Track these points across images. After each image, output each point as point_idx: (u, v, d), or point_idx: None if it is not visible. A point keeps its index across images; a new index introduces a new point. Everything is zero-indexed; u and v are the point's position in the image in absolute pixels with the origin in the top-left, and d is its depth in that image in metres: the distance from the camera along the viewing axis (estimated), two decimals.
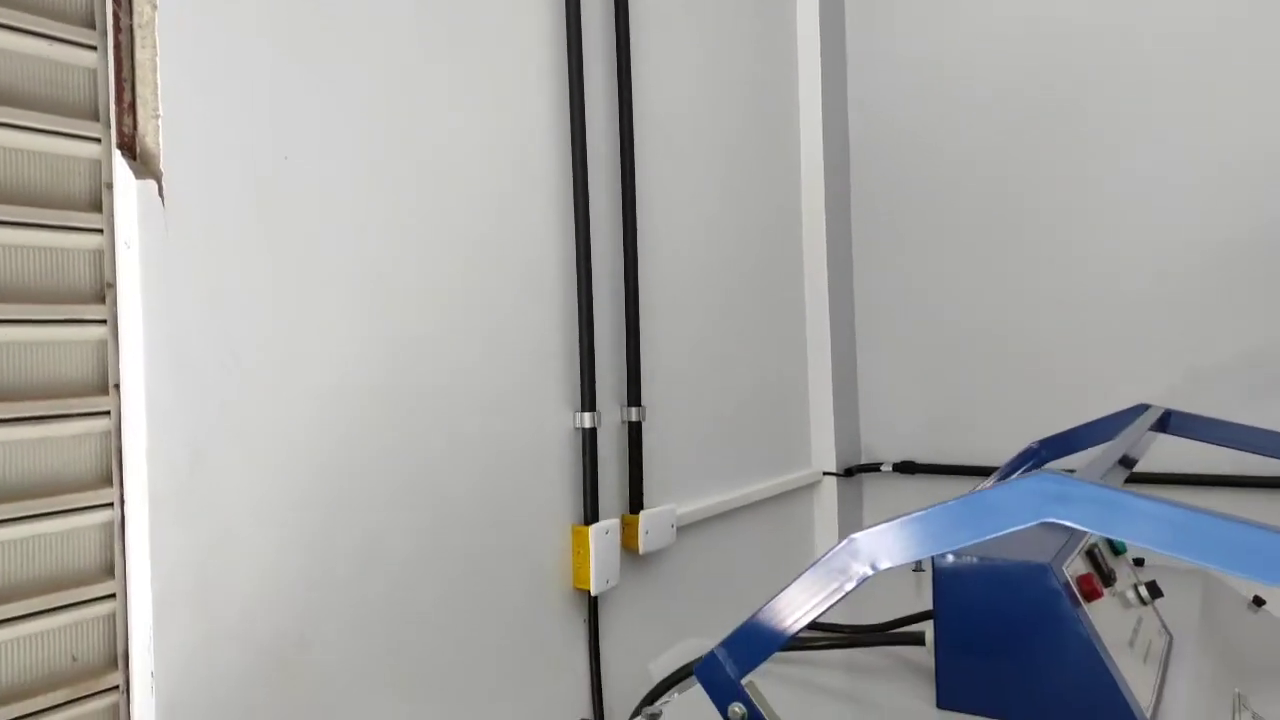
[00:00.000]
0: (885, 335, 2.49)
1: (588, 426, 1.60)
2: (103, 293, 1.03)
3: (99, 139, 1.03)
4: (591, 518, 1.59)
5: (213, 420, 1.07)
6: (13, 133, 0.97)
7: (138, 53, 1.03)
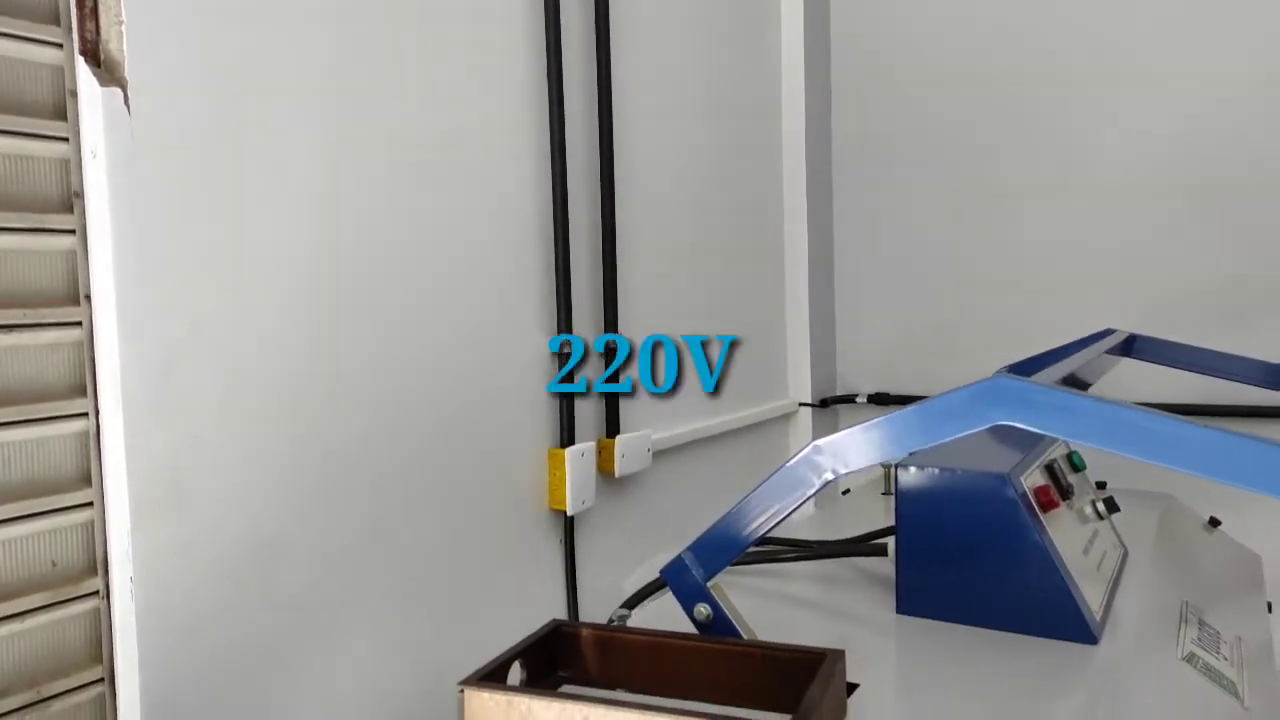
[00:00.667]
0: (862, 268, 2.50)
1: (564, 351, 1.61)
2: (70, 202, 1.02)
3: (60, 44, 1.01)
4: (568, 441, 1.62)
5: (184, 329, 1.07)
6: None
7: None
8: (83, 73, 1.01)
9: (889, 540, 1.15)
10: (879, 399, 2.46)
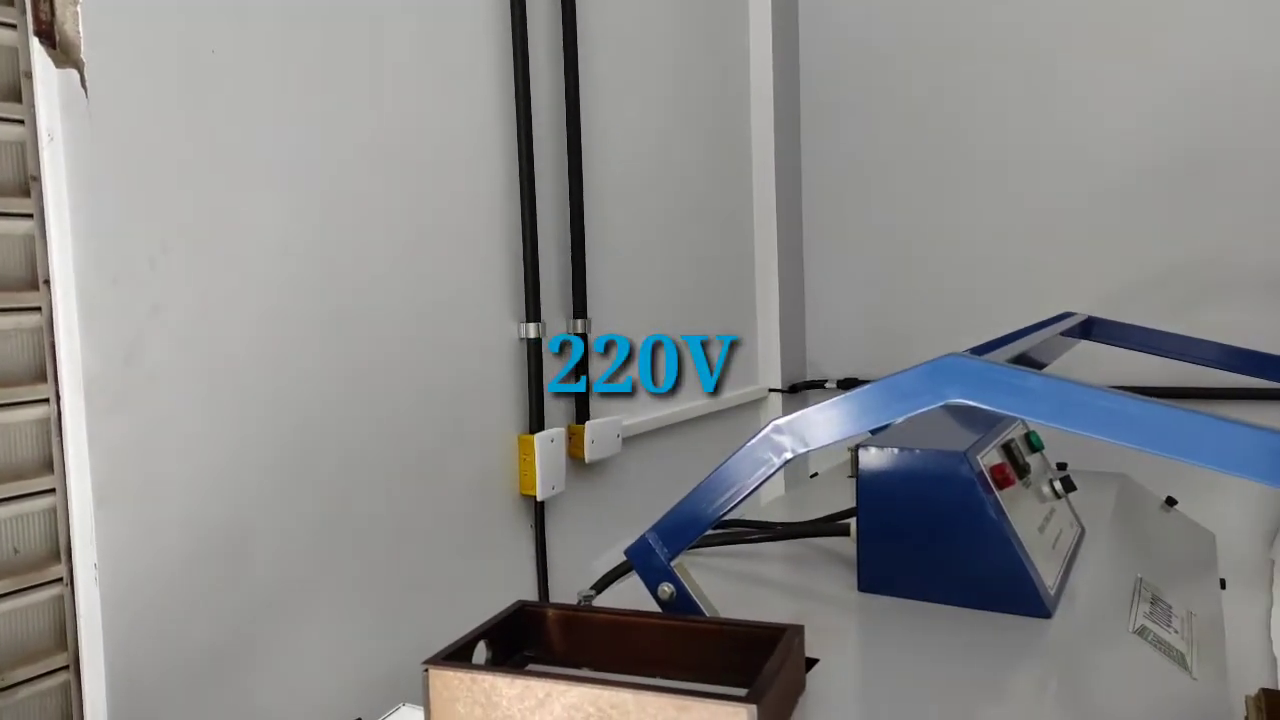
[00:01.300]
0: (832, 255, 2.52)
1: (531, 337, 1.61)
2: (27, 185, 1.01)
3: (14, 25, 1.00)
4: (537, 426, 1.62)
5: (145, 314, 1.07)
6: None
7: None
8: (38, 54, 0.99)
9: (851, 521, 1.17)
10: (848, 384, 2.48)
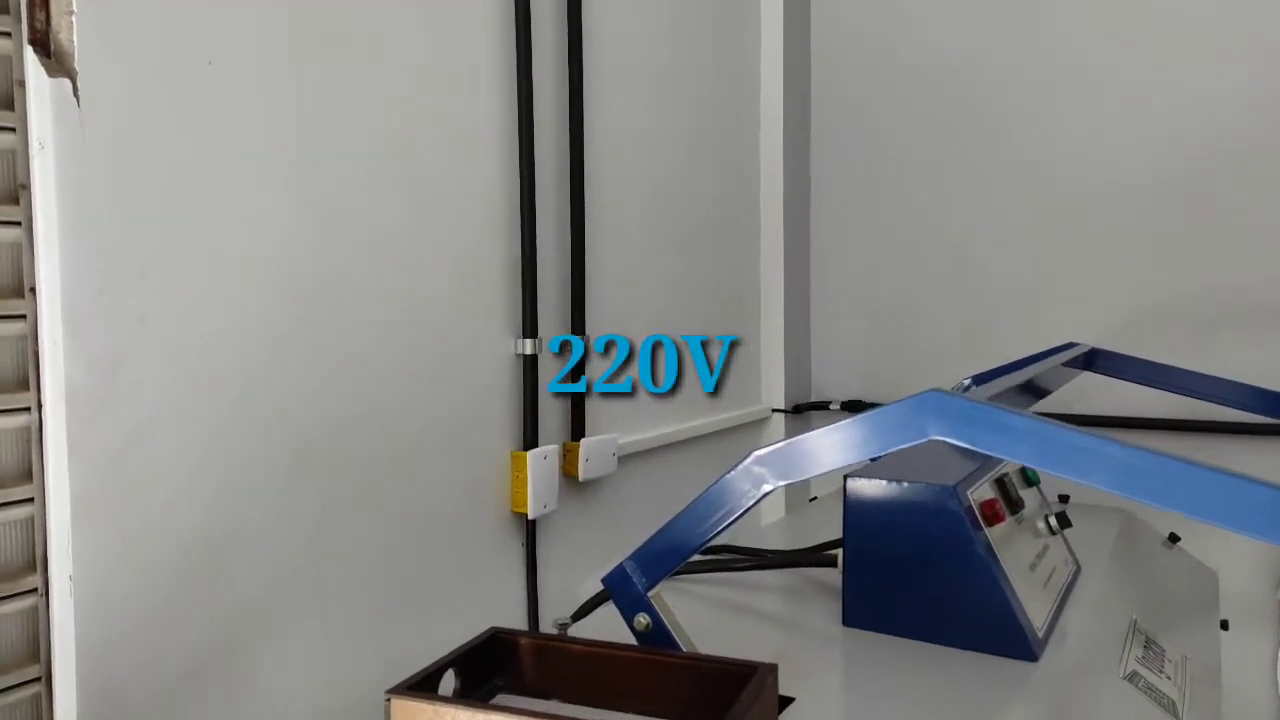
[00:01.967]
0: (839, 273, 2.50)
1: (528, 353, 1.60)
2: (16, 194, 1.01)
3: (9, 33, 1.00)
4: (531, 443, 1.61)
5: (132, 325, 1.06)
6: None
7: None
8: (31, 63, 0.99)
9: (839, 552, 1.15)
10: (852, 406, 2.46)
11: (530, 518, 1.60)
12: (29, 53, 0.99)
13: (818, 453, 0.80)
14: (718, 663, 0.81)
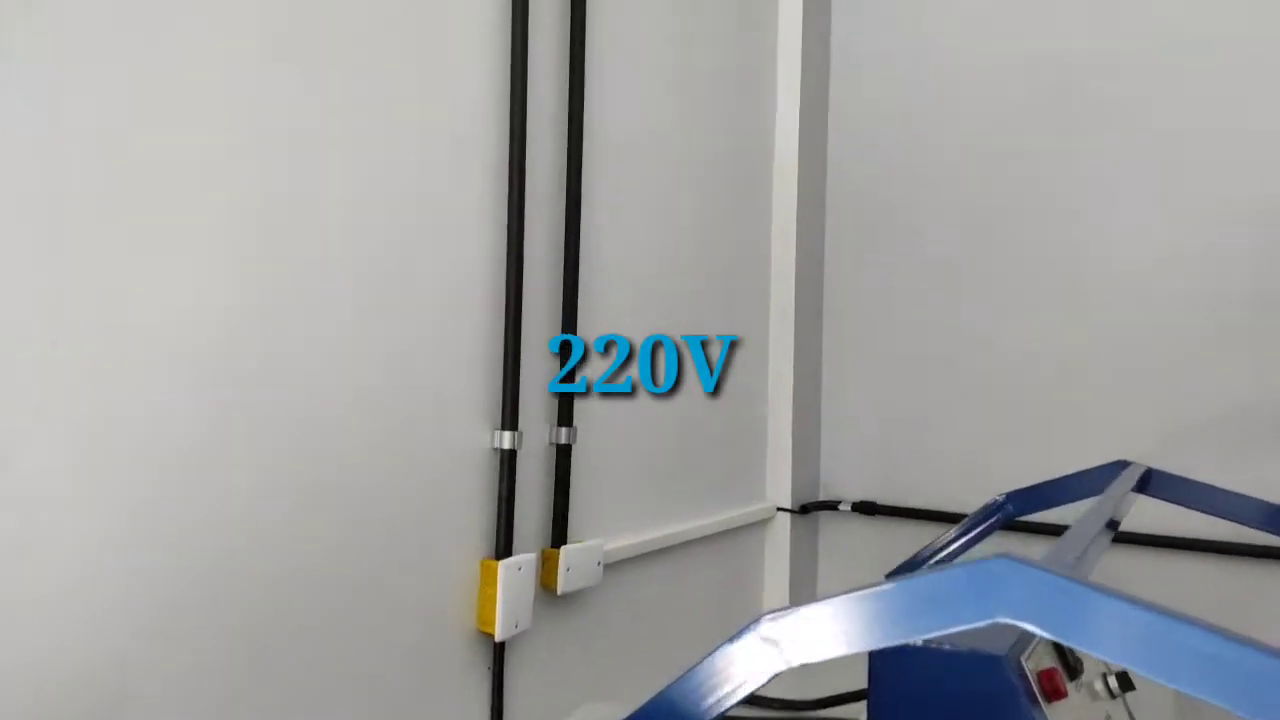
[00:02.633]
0: (852, 365, 2.33)
1: (507, 448, 1.42)
2: None
3: None
4: (504, 551, 1.42)
5: (31, 413, 0.89)
6: None
7: None
8: None
9: (861, 710, 0.95)
10: (865, 508, 2.26)
11: (498, 639, 1.39)
12: None
13: (844, 630, 0.62)
14: None
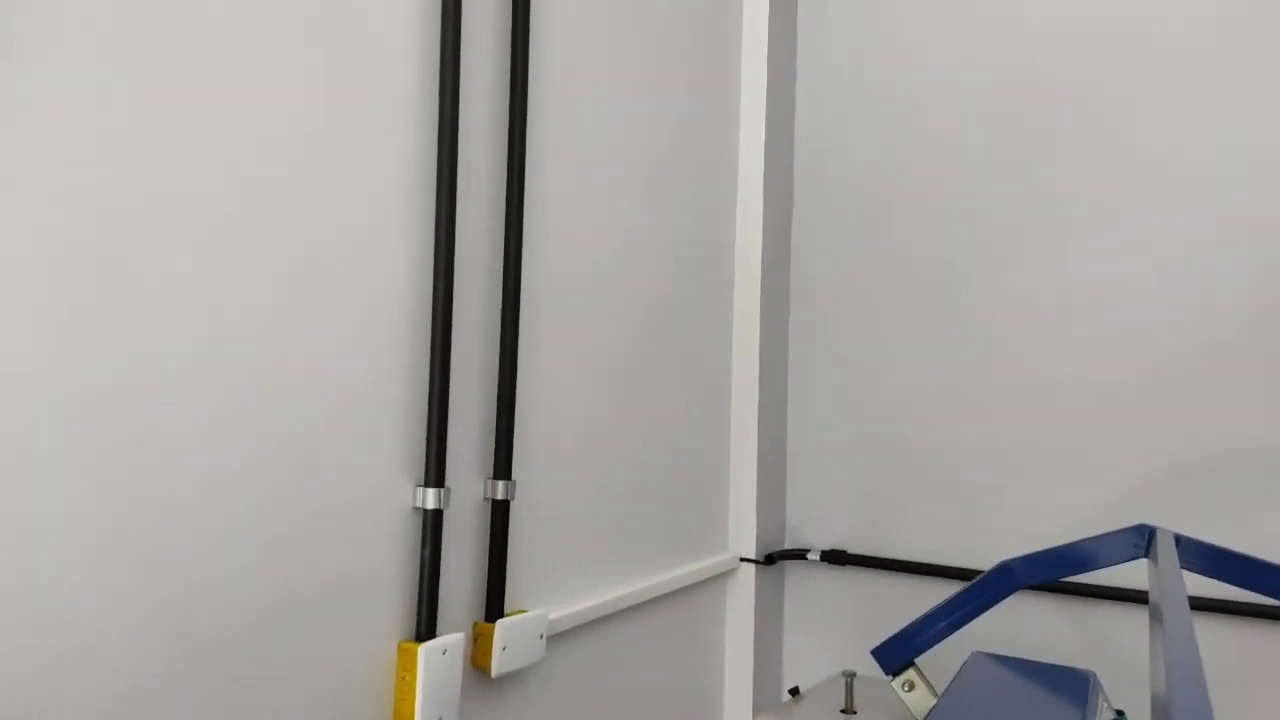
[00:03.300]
0: (821, 404, 2.15)
1: (431, 508, 1.20)
2: None
3: None
4: (426, 632, 1.19)
5: None
6: None
7: None
8: None
9: None
10: (834, 557, 2.07)
11: None
12: None
13: None
14: None
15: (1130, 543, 1.19)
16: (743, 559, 2.04)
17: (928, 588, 2.00)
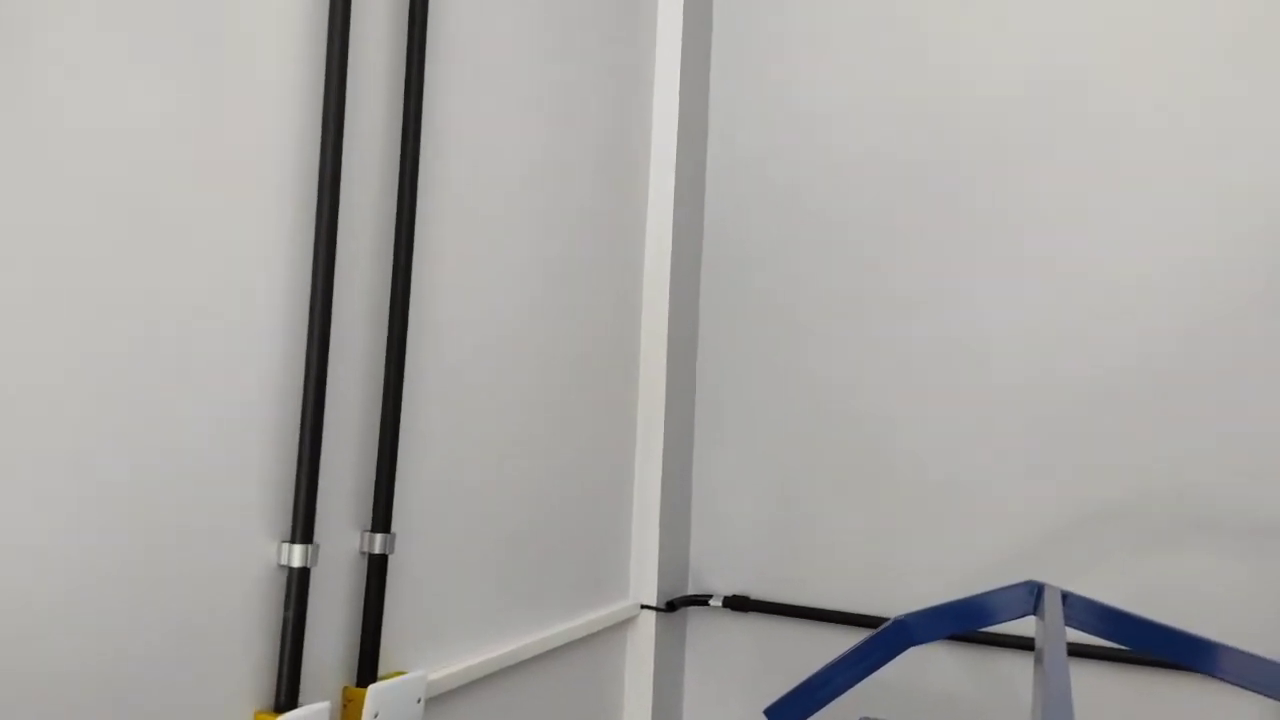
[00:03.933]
0: (729, 445, 2.12)
1: (297, 565, 1.11)
2: None
3: None
4: (287, 701, 1.09)
5: None
6: None
7: None
8: None
9: None
10: (737, 603, 2.03)
11: None
12: None
13: None
14: None
15: (1022, 599, 1.18)
16: (643, 606, 1.98)
17: (832, 635, 1.98)
